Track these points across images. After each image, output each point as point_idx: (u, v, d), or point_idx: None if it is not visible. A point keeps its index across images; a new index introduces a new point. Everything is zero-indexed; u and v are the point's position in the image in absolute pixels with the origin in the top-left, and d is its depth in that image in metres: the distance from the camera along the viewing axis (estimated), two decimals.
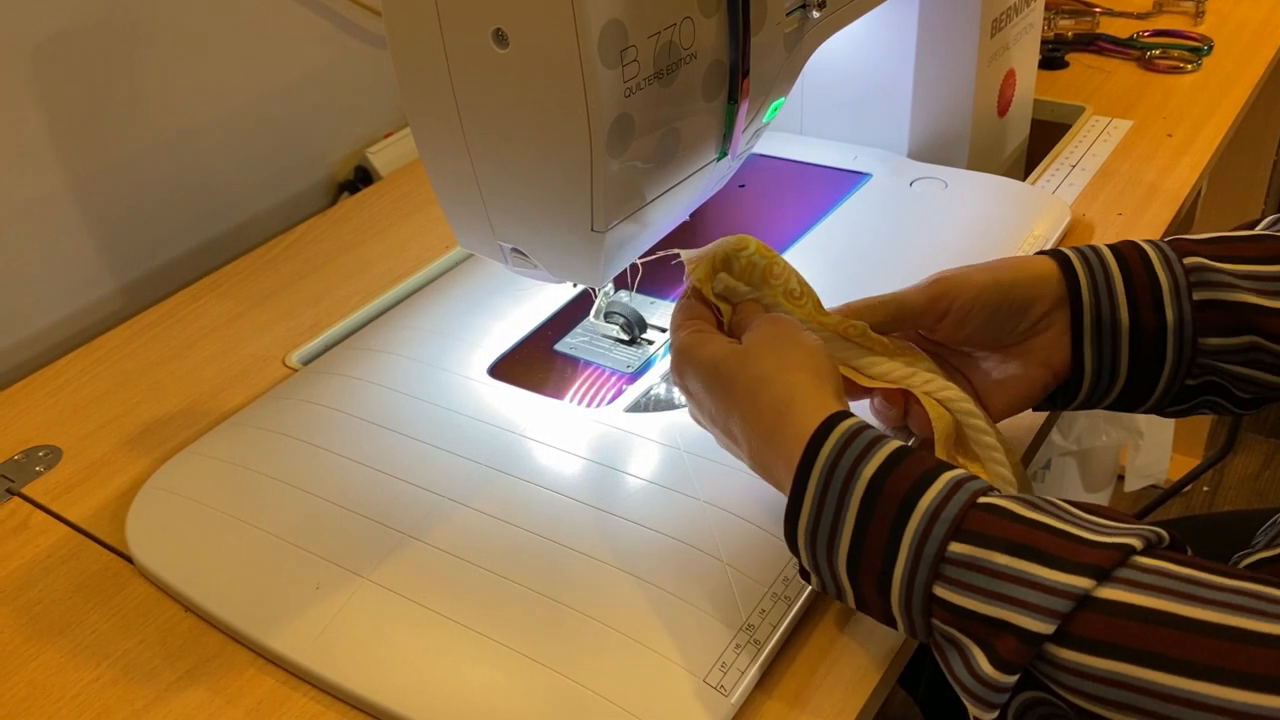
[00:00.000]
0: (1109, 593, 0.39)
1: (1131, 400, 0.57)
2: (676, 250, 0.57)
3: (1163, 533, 0.42)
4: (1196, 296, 0.54)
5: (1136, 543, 0.40)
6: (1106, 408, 0.59)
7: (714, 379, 0.52)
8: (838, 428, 0.46)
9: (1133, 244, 0.56)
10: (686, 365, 0.53)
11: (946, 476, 0.44)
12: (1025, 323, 0.56)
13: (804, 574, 0.49)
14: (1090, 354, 0.55)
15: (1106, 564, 0.40)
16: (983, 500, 0.43)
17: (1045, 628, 0.39)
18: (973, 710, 0.42)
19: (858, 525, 0.45)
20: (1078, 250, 0.56)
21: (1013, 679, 0.40)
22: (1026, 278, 0.55)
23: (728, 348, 0.52)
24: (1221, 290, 0.54)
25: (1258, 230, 0.57)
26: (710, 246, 0.56)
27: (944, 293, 0.55)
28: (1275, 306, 0.53)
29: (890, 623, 0.46)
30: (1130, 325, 0.55)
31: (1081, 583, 0.40)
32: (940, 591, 0.43)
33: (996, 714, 0.42)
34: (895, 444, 0.46)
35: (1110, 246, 0.56)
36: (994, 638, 0.41)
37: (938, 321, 0.56)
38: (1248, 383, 0.56)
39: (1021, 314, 0.55)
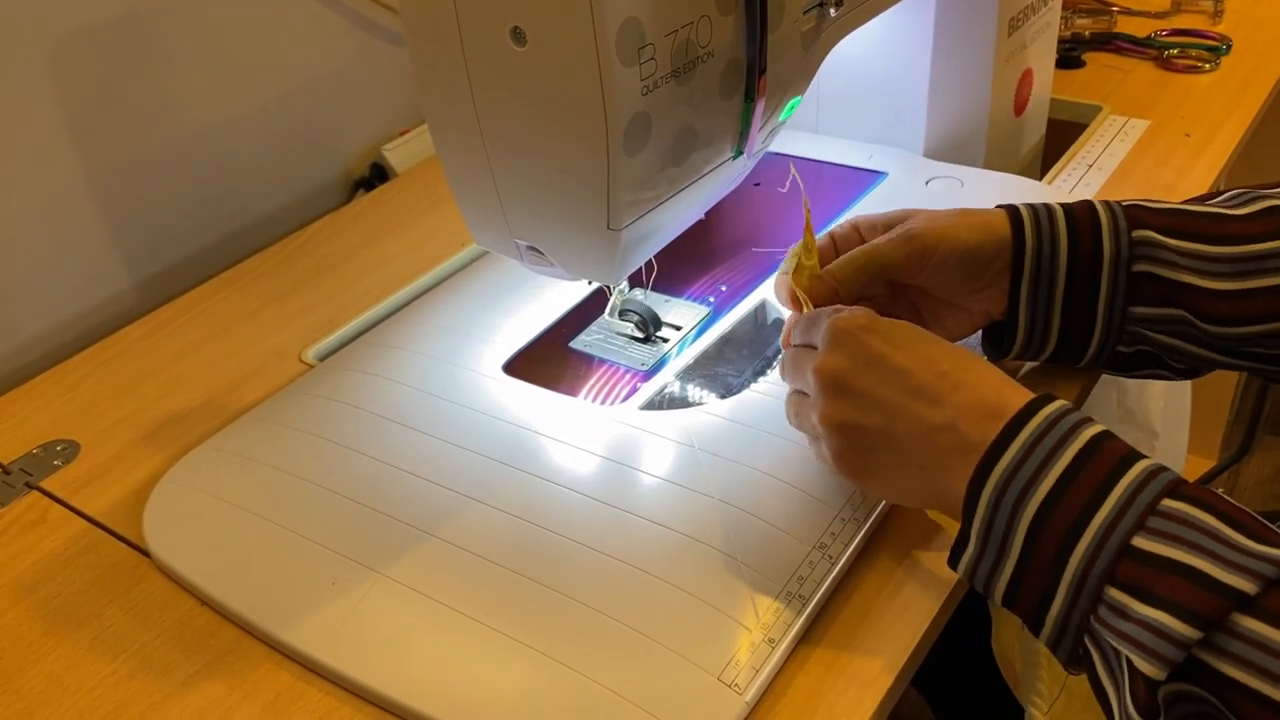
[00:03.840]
0: None
1: (1067, 358, 0.61)
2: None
3: None
4: (1135, 269, 0.57)
5: None
6: (1046, 362, 0.62)
7: (928, 335, 0.51)
8: (1059, 400, 0.47)
9: (1089, 209, 0.58)
10: (881, 320, 0.52)
11: (1158, 461, 0.45)
12: (981, 281, 0.59)
13: (956, 552, 0.48)
14: (1024, 315, 0.59)
15: None
16: (1194, 483, 0.44)
17: (1250, 587, 0.39)
18: (1146, 668, 0.40)
19: (1066, 472, 0.44)
20: (1034, 212, 0.59)
21: (1197, 635, 0.39)
22: (992, 242, 0.58)
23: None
24: (1161, 266, 0.56)
25: (1219, 200, 0.58)
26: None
27: (924, 249, 0.58)
28: (1208, 287, 0.55)
29: (1045, 599, 0.44)
30: (1065, 290, 0.58)
31: None
32: (1140, 541, 0.41)
33: (1168, 673, 0.40)
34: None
35: (1065, 209, 0.59)
36: (1184, 591, 0.40)
37: (913, 277, 0.59)
38: (1176, 353, 0.58)
39: (981, 273, 0.59)
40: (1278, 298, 0.55)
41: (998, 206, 0.60)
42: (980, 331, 0.63)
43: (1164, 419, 1.34)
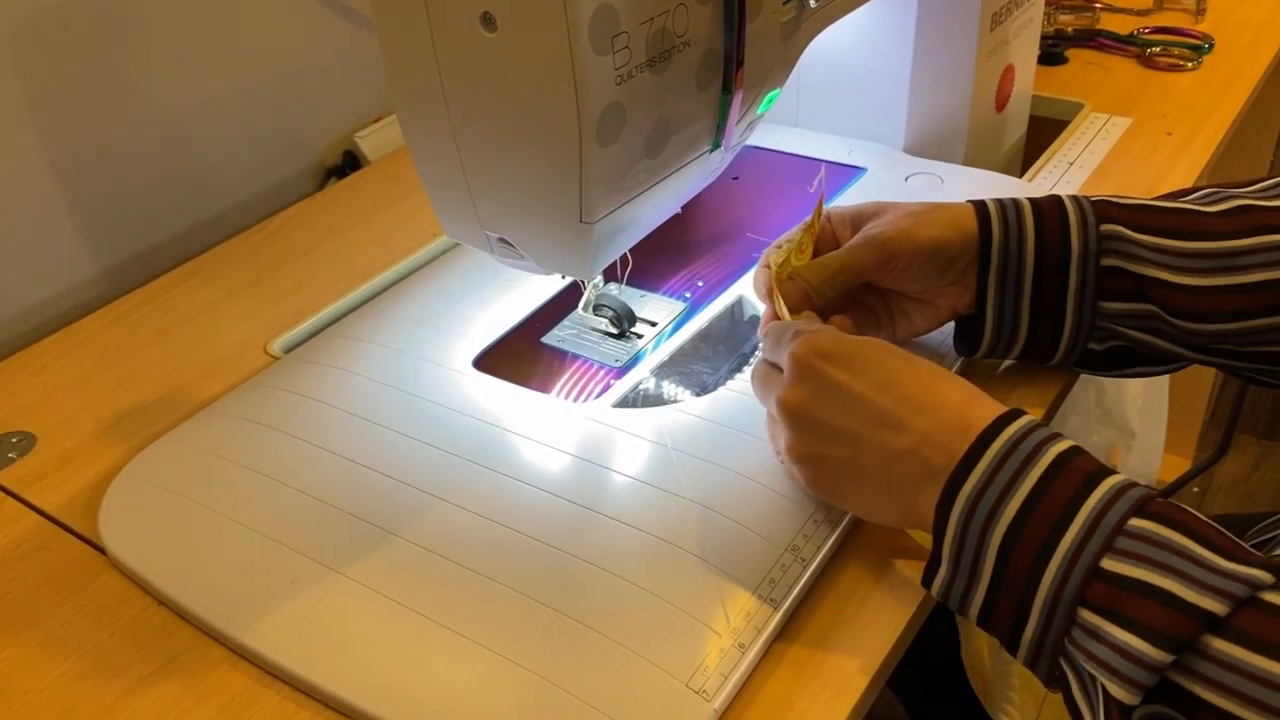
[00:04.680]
0: (1275, 597, 0.39)
1: (1038, 354, 0.60)
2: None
3: None
4: (1103, 263, 0.56)
5: None
6: (1019, 359, 0.62)
7: (891, 357, 0.50)
8: (1025, 416, 0.47)
9: (1057, 203, 0.58)
10: (842, 343, 0.51)
11: (1126, 476, 0.44)
12: (948, 277, 0.59)
13: (929, 571, 0.47)
14: (992, 309, 0.59)
15: None
16: (1162, 499, 0.43)
17: (1219, 608, 0.39)
18: (1119, 693, 0.40)
19: (1033, 492, 0.43)
20: (1000, 207, 0.59)
21: (1169, 658, 0.39)
22: (958, 238, 0.58)
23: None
24: (1129, 261, 0.56)
25: (1191, 198, 0.58)
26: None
27: (892, 254, 0.58)
28: (1177, 281, 0.55)
29: (1018, 620, 0.44)
30: (1033, 285, 0.58)
31: (1260, 575, 0.39)
32: (1109, 563, 0.41)
33: (1141, 697, 0.40)
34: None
35: (1033, 204, 0.59)
36: (1154, 613, 0.39)
37: (882, 279, 0.60)
38: (1149, 349, 0.58)
39: (947, 270, 0.59)
40: (1248, 295, 0.55)
41: (967, 202, 0.60)
42: (953, 328, 0.63)
43: (1141, 419, 1.34)
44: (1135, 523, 0.41)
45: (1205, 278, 0.55)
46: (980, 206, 0.59)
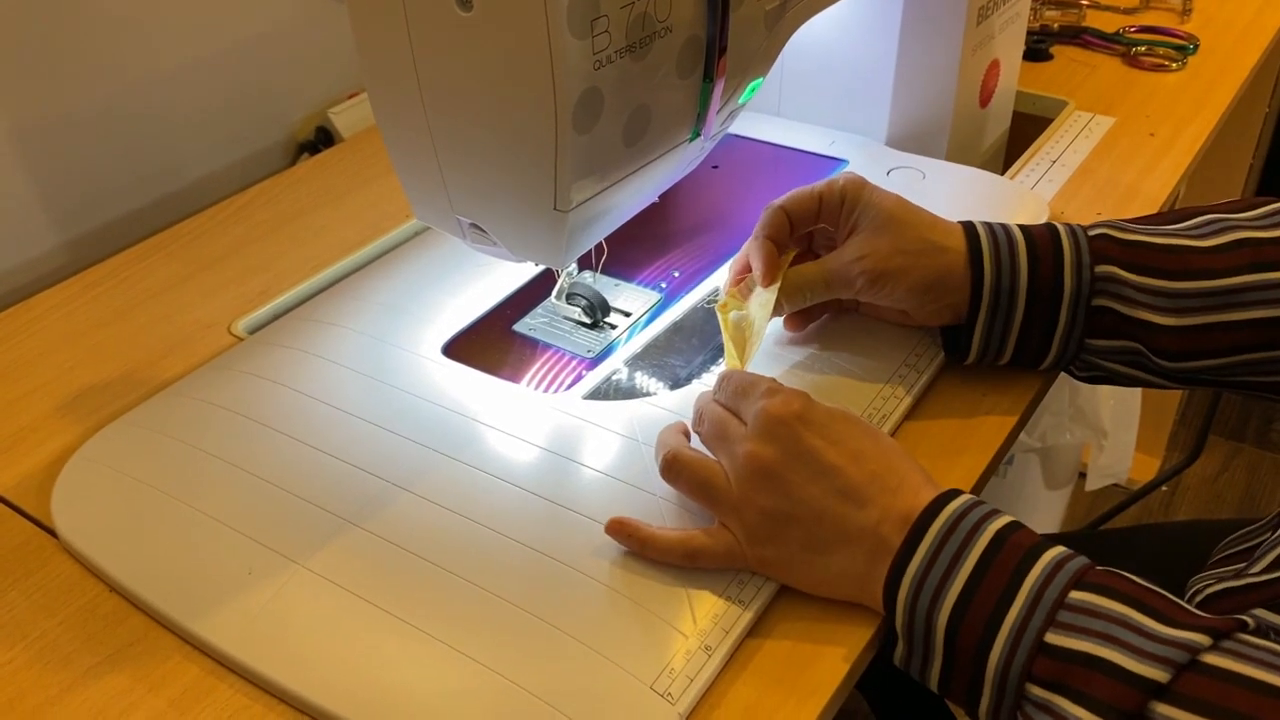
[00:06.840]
0: (1216, 659, 0.40)
1: (1022, 367, 0.61)
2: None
3: (1250, 621, 0.42)
4: (1094, 303, 0.57)
5: (1250, 621, 0.41)
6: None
7: (860, 433, 0.50)
8: (963, 495, 0.48)
9: (1052, 239, 0.58)
10: (816, 409, 0.50)
11: (1063, 547, 0.45)
12: (932, 307, 0.60)
13: (889, 644, 0.48)
14: (979, 340, 0.59)
15: (1222, 628, 0.40)
16: (1101, 567, 0.44)
17: (1162, 676, 0.39)
18: None
19: (975, 571, 0.44)
20: (994, 244, 0.58)
21: None
22: (952, 281, 0.58)
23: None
24: (1120, 303, 0.56)
25: (1189, 225, 0.57)
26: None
27: (876, 291, 0.59)
28: (1164, 323, 0.56)
29: (973, 694, 0.45)
30: (1022, 320, 0.58)
31: (1198, 639, 0.40)
32: (1052, 638, 0.42)
33: None
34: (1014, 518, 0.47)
35: (1028, 240, 0.58)
36: (1098, 684, 0.40)
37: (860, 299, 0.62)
38: (1129, 380, 0.59)
39: (933, 302, 0.59)
40: (1241, 332, 0.55)
41: (960, 222, 0.59)
42: (939, 332, 0.62)
43: (1113, 418, 1.34)
44: (1076, 595, 0.42)
45: (1193, 317, 0.55)
46: (973, 244, 0.58)
